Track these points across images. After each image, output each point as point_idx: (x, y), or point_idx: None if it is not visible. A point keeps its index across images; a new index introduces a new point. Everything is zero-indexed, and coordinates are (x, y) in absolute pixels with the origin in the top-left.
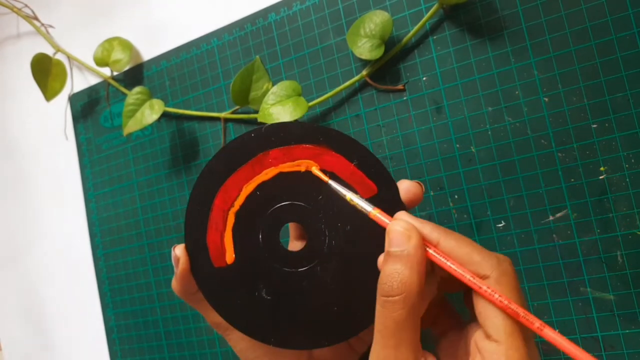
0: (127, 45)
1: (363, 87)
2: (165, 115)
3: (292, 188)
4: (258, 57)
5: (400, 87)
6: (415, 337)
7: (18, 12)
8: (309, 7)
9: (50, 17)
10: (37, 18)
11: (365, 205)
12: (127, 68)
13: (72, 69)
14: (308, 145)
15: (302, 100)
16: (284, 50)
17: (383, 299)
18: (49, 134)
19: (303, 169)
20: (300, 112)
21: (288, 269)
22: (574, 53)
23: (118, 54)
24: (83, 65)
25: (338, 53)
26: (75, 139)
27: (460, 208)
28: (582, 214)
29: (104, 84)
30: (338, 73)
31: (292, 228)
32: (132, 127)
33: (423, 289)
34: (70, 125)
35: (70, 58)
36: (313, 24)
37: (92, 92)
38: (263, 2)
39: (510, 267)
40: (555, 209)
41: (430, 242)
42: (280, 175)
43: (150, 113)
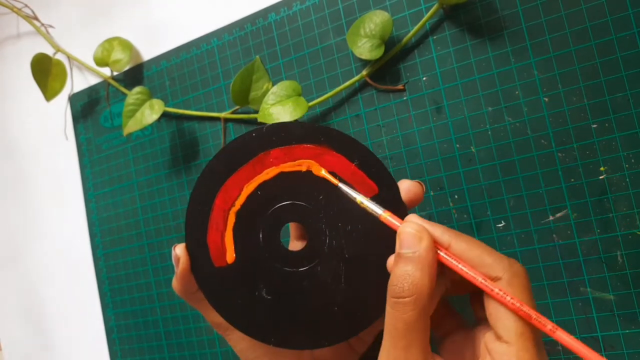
0: (127, 45)
1: (363, 87)
2: (165, 115)
3: (293, 188)
4: (258, 57)
5: (400, 87)
6: (425, 338)
7: (18, 12)
8: (309, 7)
9: (50, 17)
10: (37, 18)
11: (376, 208)
12: (127, 68)
13: (72, 69)
14: (309, 145)
15: (302, 100)
16: (284, 50)
17: (393, 300)
18: (49, 134)
19: (304, 169)
20: (300, 112)
21: (288, 269)
22: (574, 53)
23: (118, 54)
24: (83, 65)
25: (338, 53)
26: (75, 139)
27: (460, 208)
28: (582, 214)
29: (104, 84)
30: (338, 73)
31: (292, 228)
32: (132, 127)
33: (433, 291)
34: (70, 125)
35: (70, 58)
36: (313, 24)
37: (92, 92)
38: (263, 2)
39: (522, 269)
40: (555, 209)
41: (442, 244)
42: (281, 175)
43: (150, 113)
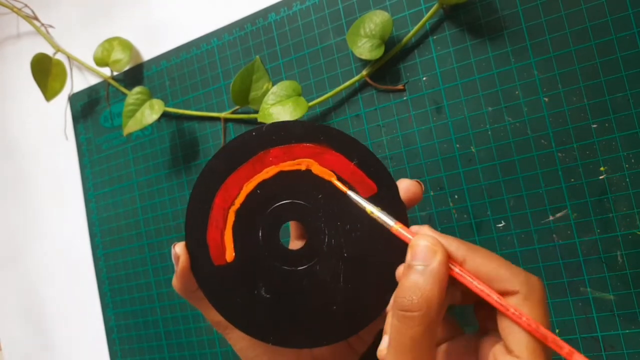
0: (127, 45)
1: (363, 87)
2: (165, 115)
3: (292, 187)
4: (258, 57)
5: (400, 87)
6: (432, 354)
7: (18, 12)
8: (309, 7)
9: (50, 17)
10: (37, 18)
11: (387, 219)
12: (127, 68)
13: (72, 69)
14: (309, 144)
15: (302, 100)
16: (284, 50)
17: (401, 313)
18: (49, 134)
19: (303, 168)
20: (300, 112)
21: (288, 268)
22: (574, 53)
23: (118, 54)
24: (83, 65)
25: (338, 53)
26: (75, 139)
27: (460, 208)
28: (582, 214)
29: (104, 84)
30: (338, 73)
31: (292, 227)
32: (132, 127)
33: (443, 305)
34: (70, 125)
35: (70, 58)
36: (313, 24)
37: (92, 92)
38: (263, 2)
39: (539, 283)
40: (555, 209)
41: (456, 258)
42: (281, 174)
43: (150, 113)
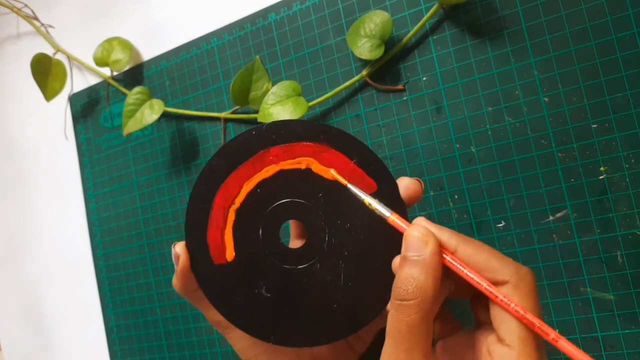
0: (127, 45)
1: (363, 87)
2: (165, 115)
3: (292, 186)
4: (258, 57)
5: (400, 87)
6: (428, 342)
7: (18, 12)
8: (309, 7)
9: (50, 17)
10: (37, 18)
11: (384, 210)
12: (127, 68)
13: (72, 69)
14: (309, 143)
15: (302, 100)
16: (284, 50)
17: (397, 303)
18: (49, 134)
19: (303, 167)
20: (300, 112)
21: (288, 267)
22: (574, 53)
23: (118, 54)
24: (83, 65)
25: (338, 53)
26: (75, 139)
27: (460, 208)
28: (582, 214)
29: (104, 84)
30: (338, 73)
31: (293, 226)
32: (132, 127)
33: (438, 294)
34: (70, 125)
35: (70, 58)
36: (313, 24)
37: (92, 92)
38: (263, 2)
39: (529, 273)
40: (555, 209)
41: (448, 248)
42: (281, 173)
43: (150, 113)
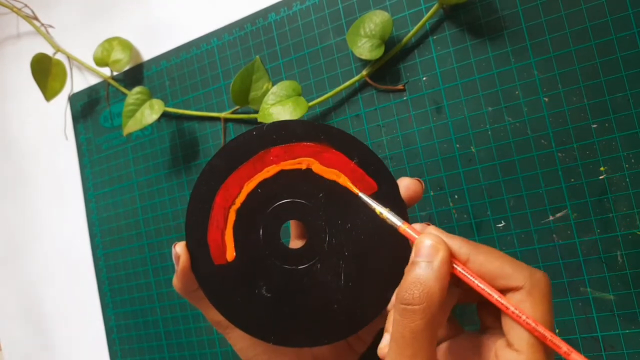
0: (127, 45)
1: (363, 87)
2: (165, 115)
3: (293, 186)
4: (258, 57)
5: (400, 87)
6: (432, 349)
7: (18, 12)
8: (309, 7)
9: (50, 17)
10: (37, 18)
11: (395, 220)
12: (127, 68)
13: (72, 69)
14: (309, 143)
15: (302, 100)
16: (284, 50)
17: (402, 307)
18: (49, 134)
19: (304, 167)
20: (300, 112)
21: (288, 267)
22: (574, 53)
23: (118, 54)
24: (83, 65)
25: (338, 53)
26: (75, 139)
27: (460, 208)
28: (582, 214)
29: (104, 84)
30: (338, 73)
31: (293, 227)
32: (132, 127)
33: (444, 302)
34: (70, 125)
35: (70, 58)
36: (313, 24)
37: (92, 92)
38: (263, 2)
39: (543, 278)
40: (555, 209)
41: (460, 257)
42: (282, 173)
43: (150, 113)
